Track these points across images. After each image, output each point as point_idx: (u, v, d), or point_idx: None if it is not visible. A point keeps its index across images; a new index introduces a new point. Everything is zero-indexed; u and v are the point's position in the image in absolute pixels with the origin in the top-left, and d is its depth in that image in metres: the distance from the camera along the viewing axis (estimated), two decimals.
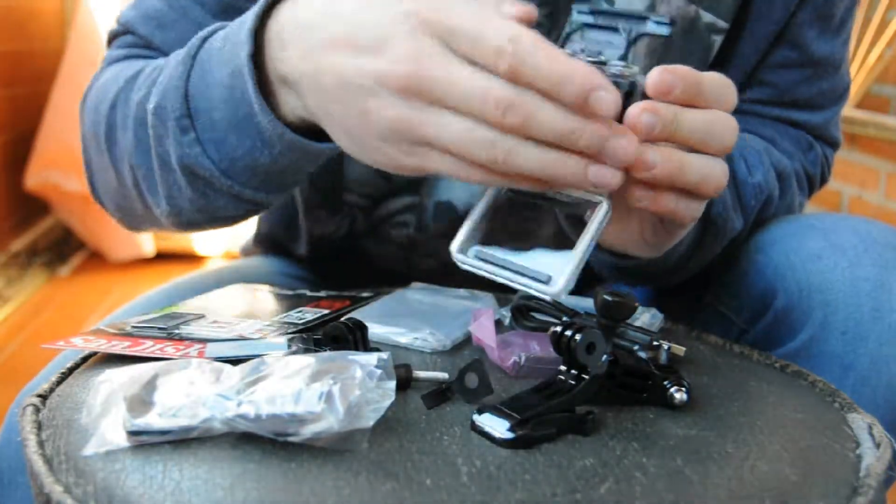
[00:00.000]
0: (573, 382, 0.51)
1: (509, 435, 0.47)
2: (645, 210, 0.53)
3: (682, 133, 0.50)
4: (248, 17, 0.58)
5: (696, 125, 0.50)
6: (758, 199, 0.73)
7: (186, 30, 0.73)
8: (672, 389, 0.53)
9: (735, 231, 0.71)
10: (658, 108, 0.49)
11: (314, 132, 0.57)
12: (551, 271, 0.49)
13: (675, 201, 0.52)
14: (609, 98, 0.45)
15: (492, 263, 0.52)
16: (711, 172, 0.51)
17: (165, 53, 0.73)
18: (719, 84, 0.51)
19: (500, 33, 0.45)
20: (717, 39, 0.75)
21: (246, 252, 0.99)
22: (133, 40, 0.78)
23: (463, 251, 0.53)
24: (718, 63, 0.75)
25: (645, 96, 0.50)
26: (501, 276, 0.51)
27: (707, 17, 0.71)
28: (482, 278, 0.85)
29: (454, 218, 0.79)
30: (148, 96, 0.64)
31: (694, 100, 0.50)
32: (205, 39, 0.62)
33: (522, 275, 0.50)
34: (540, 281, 0.49)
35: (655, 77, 0.49)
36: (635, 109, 0.49)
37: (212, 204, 0.65)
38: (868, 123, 2.11)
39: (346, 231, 0.84)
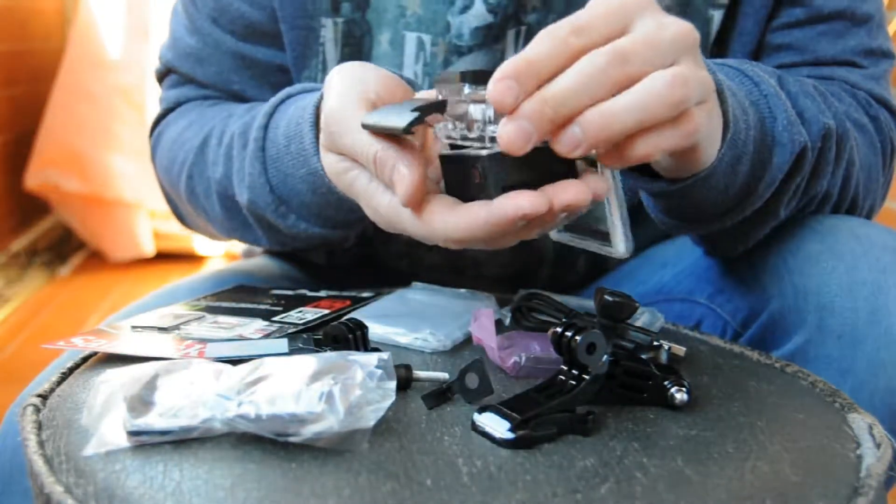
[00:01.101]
0: (573, 382, 0.51)
1: (510, 435, 0.47)
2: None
3: (563, 104, 0.45)
4: (305, 121, 0.63)
5: (568, 85, 0.45)
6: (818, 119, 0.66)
7: (222, 61, 0.80)
8: (672, 389, 0.53)
9: (799, 144, 0.63)
10: (511, 74, 0.45)
11: None
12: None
13: (642, 146, 0.47)
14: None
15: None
16: (649, 97, 0.46)
17: (210, 86, 0.82)
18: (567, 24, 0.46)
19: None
20: (716, 14, 0.74)
21: (248, 253, 0.99)
22: (178, 79, 0.84)
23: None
24: (721, 40, 0.75)
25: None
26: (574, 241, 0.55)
27: None
28: (481, 279, 0.85)
29: None
30: (229, 181, 0.72)
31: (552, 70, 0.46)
32: (266, 127, 0.68)
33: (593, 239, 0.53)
34: (607, 246, 0.52)
35: (493, 93, 0.45)
36: (490, 86, 0.45)
37: (313, 242, 0.72)
38: None
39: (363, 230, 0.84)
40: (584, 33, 0.46)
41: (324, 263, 0.90)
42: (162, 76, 0.87)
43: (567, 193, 0.48)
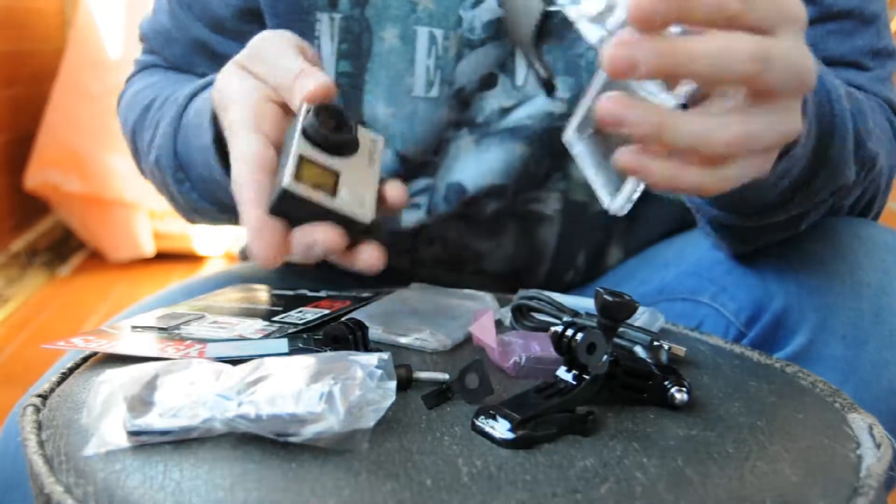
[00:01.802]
0: (574, 383, 0.51)
1: (510, 435, 0.47)
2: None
3: (683, 68, 0.42)
4: (207, 103, 0.66)
5: (701, 53, 0.42)
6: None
7: (187, 45, 0.84)
8: (672, 389, 0.53)
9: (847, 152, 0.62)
10: (633, 42, 0.42)
11: None
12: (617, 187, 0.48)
13: (684, 174, 0.44)
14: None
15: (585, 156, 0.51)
16: (713, 128, 0.43)
17: (175, 67, 0.86)
18: None
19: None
20: None
21: (245, 255, 0.99)
22: (151, 48, 0.89)
23: (579, 131, 0.51)
24: None
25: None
26: (586, 172, 0.50)
27: None
28: (481, 274, 0.85)
29: (463, 199, 0.79)
30: (151, 143, 0.77)
31: (687, 19, 0.43)
32: (191, 98, 0.72)
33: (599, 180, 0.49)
34: (608, 192, 0.48)
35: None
36: (608, 48, 0.42)
37: (208, 218, 0.78)
38: None
39: None
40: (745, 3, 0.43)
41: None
42: (141, 40, 0.91)
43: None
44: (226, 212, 0.72)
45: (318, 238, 0.51)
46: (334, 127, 0.54)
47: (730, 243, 0.73)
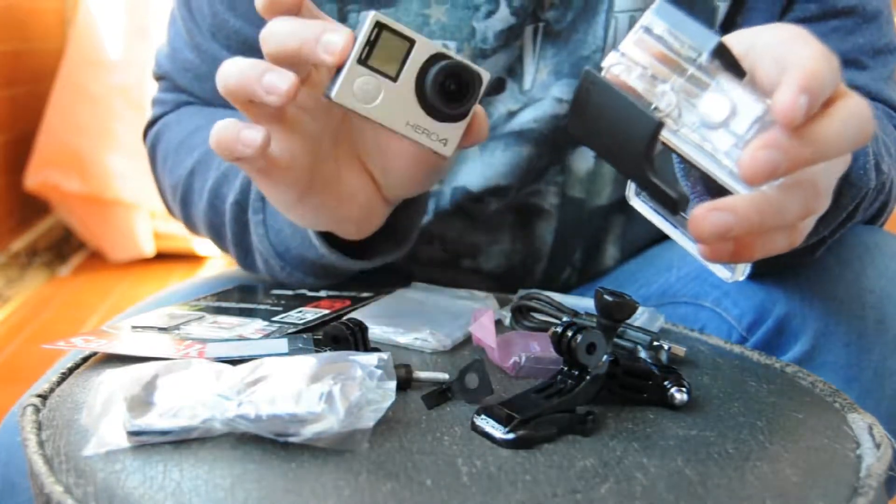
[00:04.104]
0: (573, 382, 0.51)
1: (510, 435, 0.47)
2: None
3: (817, 154, 0.43)
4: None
5: (830, 135, 0.43)
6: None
7: None
8: (672, 389, 0.53)
9: (866, 188, 0.62)
10: (778, 140, 0.42)
11: None
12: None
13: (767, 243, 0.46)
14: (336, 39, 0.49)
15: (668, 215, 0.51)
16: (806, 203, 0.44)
17: (207, 101, 0.82)
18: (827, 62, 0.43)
19: None
20: (722, 5, 0.74)
21: None
22: (175, 86, 0.85)
23: (638, 194, 0.52)
24: (726, 32, 0.75)
25: None
26: (678, 236, 0.50)
27: None
28: (478, 275, 0.85)
29: (467, 199, 0.79)
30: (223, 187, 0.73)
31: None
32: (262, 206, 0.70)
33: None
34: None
35: (785, 103, 0.41)
36: (750, 152, 0.41)
37: (274, 274, 0.73)
38: None
39: None
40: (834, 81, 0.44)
41: None
42: (159, 78, 0.87)
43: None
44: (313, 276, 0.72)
45: None
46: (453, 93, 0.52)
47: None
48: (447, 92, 0.52)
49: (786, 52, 0.44)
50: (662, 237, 0.87)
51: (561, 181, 0.81)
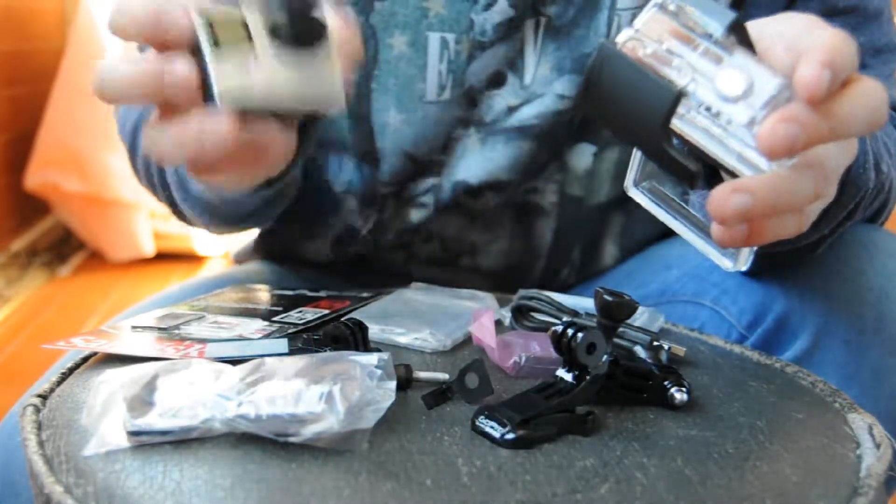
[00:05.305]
0: (573, 383, 0.51)
1: (510, 435, 0.47)
2: None
3: (833, 131, 0.43)
4: None
5: (848, 113, 0.43)
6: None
7: None
8: (672, 389, 0.53)
9: (865, 188, 0.61)
10: (798, 114, 0.41)
11: None
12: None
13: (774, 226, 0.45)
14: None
15: (667, 203, 0.49)
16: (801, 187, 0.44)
17: None
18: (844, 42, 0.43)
19: None
20: (723, 1, 0.74)
21: (240, 259, 0.99)
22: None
23: (636, 185, 0.50)
24: None
25: None
26: (679, 227, 0.49)
27: None
28: (477, 274, 0.85)
29: (467, 192, 0.80)
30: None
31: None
32: None
33: (703, 231, 0.48)
34: (720, 249, 0.47)
35: (809, 77, 0.41)
36: (769, 125, 0.41)
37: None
38: None
39: (373, 222, 0.84)
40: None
41: (321, 260, 0.90)
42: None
43: None
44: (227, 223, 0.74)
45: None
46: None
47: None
48: (296, 8, 0.48)
49: (800, 37, 0.44)
50: (662, 235, 0.88)
51: (560, 179, 0.81)
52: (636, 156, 0.50)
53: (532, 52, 0.76)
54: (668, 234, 0.87)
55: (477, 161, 0.78)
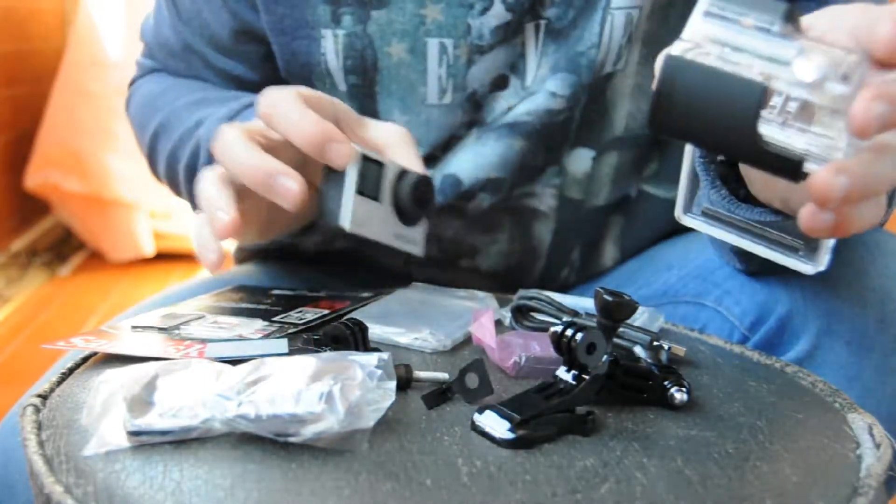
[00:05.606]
0: (573, 383, 0.51)
1: (510, 435, 0.47)
2: None
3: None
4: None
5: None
6: None
7: (192, 61, 0.86)
8: (672, 389, 0.53)
9: None
10: (888, 89, 0.40)
11: None
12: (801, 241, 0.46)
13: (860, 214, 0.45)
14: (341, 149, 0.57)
15: (725, 223, 0.49)
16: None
17: (178, 74, 0.88)
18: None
19: None
20: None
21: (240, 258, 0.99)
22: (153, 55, 0.91)
23: (688, 211, 0.51)
24: None
25: None
26: (747, 244, 0.48)
27: None
28: (477, 274, 0.85)
29: (459, 192, 0.79)
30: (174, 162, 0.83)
31: None
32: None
33: (771, 241, 0.47)
34: (795, 255, 0.46)
35: (889, 33, 0.40)
36: (863, 103, 0.40)
37: None
38: None
39: None
40: None
41: (309, 249, 0.90)
42: (144, 42, 0.93)
43: None
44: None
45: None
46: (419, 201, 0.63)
47: (747, 266, 0.72)
48: (418, 199, 0.63)
49: (861, 19, 0.43)
50: (663, 237, 0.88)
51: (558, 183, 0.81)
52: (683, 183, 0.50)
53: (533, 55, 0.76)
54: (669, 234, 0.87)
55: (469, 156, 0.78)
